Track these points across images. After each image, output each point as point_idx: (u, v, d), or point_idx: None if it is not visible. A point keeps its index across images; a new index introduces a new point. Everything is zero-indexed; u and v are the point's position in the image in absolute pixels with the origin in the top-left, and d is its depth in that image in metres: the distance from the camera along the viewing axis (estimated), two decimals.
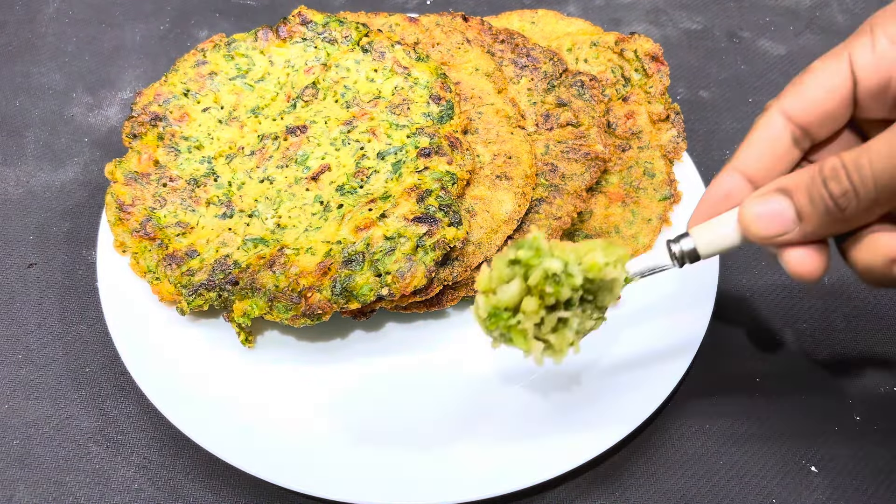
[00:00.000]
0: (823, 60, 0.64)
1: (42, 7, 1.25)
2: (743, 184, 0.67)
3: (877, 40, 0.62)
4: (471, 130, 0.92)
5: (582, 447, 0.74)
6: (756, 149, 0.67)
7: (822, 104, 0.64)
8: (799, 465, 0.78)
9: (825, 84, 0.64)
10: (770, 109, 0.66)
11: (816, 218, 0.61)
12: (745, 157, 0.67)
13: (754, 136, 0.67)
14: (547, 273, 0.61)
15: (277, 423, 0.76)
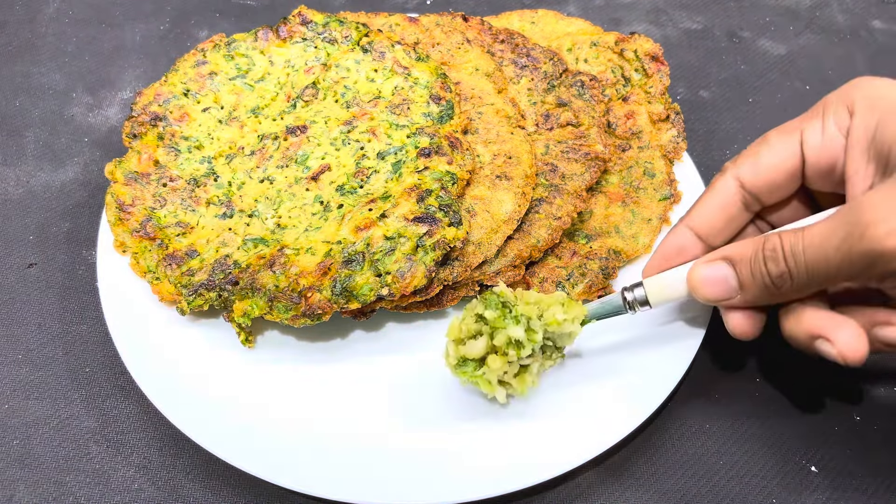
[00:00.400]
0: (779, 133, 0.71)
1: (42, 7, 1.25)
2: (695, 240, 0.74)
3: (826, 125, 0.67)
4: (471, 130, 0.92)
5: (581, 447, 0.74)
6: (709, 209, 0.73)
7: (773, 176, 0.70)
8: (799, 465, 0.78)
9: (776, 158, 0.70)
10: (725, 174, 0.73)
11: (755, 290, 0.67)
12: (699, 216, 0.74)
13: (708, 198, 0.74)
14: (510, 339, 0.69)
15: (277, 423, 0.76)
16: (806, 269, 0.62)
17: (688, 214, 0.75)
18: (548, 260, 0.86)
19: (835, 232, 0.60)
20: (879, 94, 0.65)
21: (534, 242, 0.84)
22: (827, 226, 0.61)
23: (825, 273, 0.61)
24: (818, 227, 0.61)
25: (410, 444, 0.75)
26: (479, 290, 0.83)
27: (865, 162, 0.64)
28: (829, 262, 0.60)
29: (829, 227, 0.60)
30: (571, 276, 0.85)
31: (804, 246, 0.62)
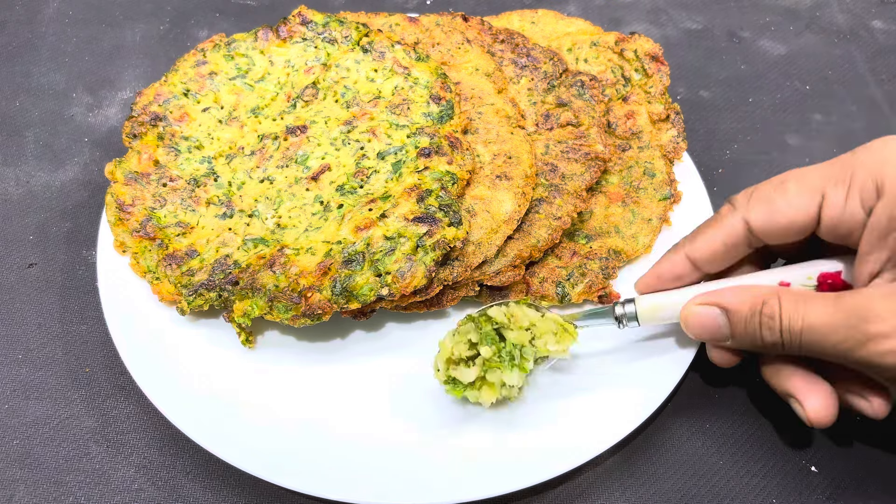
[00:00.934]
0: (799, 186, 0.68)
1: (42, 7, 1.25)
2: (692, 269, 0.74)
3: (851, 197, 0.65)
4: (471, 130, 0.91)
5: (581, 447, 0.73)
6: (712, 244, 0.72)
7: (785, 228, 0.69)
8: (799, 465, 0.78)
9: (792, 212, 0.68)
10: (735, 212, 0.71)
11: (745, 343, 0.69)
12: (701, 248, 0.73)
13: (713, 232, 0.73)
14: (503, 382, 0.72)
15: (277, 423, 0.76)
16: (800, 347, 0.64)
17: (690, 243, 0.74)
18: (548, 260, 0.86)
19: (836, 329, 0.61)
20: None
21: (534, 242, 0.84)
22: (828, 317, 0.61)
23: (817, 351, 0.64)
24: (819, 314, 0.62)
25: (410, 443, 0.75)
26: (479, 290, 0.83)
27: (880, 248, 0.63)
28: (823, 350, 0.63)
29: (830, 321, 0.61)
30: (571, 276, 0.85)
31: (802, 327, 0.63)
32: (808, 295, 0.64)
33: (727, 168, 1.06)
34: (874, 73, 1.18)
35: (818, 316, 0.62)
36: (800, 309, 0.63)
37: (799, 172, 0.69)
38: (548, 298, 0.84)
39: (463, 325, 0.75)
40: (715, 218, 0.73)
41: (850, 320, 0.60)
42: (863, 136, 1.10)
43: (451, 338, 0.75)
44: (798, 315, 0.63)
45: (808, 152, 1.08)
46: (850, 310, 0.60)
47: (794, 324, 0.63)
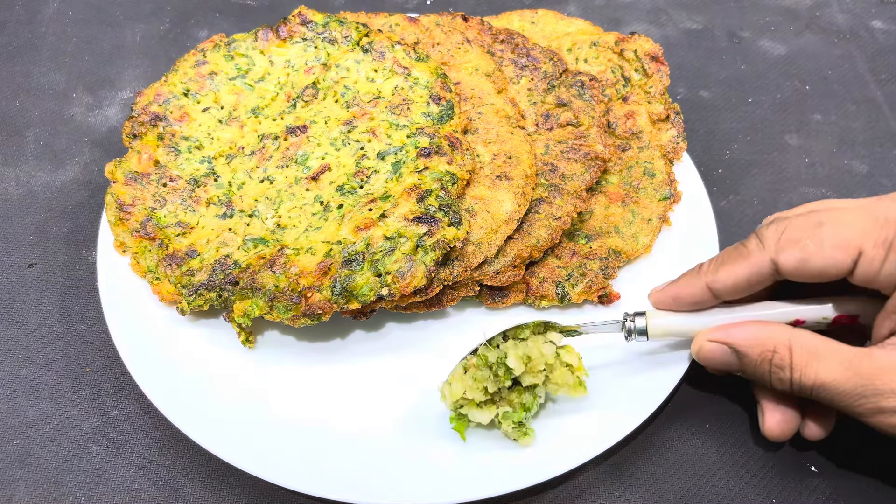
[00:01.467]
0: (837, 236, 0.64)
1: (42, 7, 1.25)
2: (711, 298, 0.72)
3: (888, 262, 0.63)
4: (471, 130, 0.92)
5: (581, 447, 0.74)
6: (735, 280, 0.70)
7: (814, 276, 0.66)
8: (799, 465, 0.78)
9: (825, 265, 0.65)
10: (764, 253, 0.67)
11: (753, 378, 0.70)
12: (724, 282, 0.70)
13: (738, 268, 0.69)
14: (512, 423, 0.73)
15: (277, 423, 0.76)
16: (810, 392, 0.65)
17: (713, 273, 0.71)
18: (548, 260, 0.86)
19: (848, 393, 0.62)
20: None
21: (534, 242, 0.84)
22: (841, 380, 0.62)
23: (824, 399, 0.65)
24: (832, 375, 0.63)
25: (410, 443, 0.75)
26: (479, 289, 0.83)
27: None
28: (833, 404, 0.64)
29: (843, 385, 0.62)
30: (571, 276, 0.85)
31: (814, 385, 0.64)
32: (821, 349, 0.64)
33: (727, 168, 1.06)
34: (874, 73, 1.18)
35: (831, 376, 0.63)
36: (812, 366, 0.64)
37: (836, 217, 0.65)
38: (548, 298, 0.84)
39: (478, 368, 0.73)
40: (741, 251, 0.70)
41: (864, 389, 0.61)
42: (863, 136, 1.10)
43: (463, 378, 0.73)
44: (811, 372, 0.64)
45: (808, 152, 1.08)
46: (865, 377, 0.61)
47: (805, 379, 0.64)
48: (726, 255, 0.71)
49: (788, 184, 1.04)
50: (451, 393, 0.73)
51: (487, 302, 0.85)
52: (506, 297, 0.84)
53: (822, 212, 0.66)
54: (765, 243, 0.68)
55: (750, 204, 1.02)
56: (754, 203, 1.02)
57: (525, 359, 0.72)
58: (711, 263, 0.72)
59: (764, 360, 0.67)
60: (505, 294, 0.84)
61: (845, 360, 0.63)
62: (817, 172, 1.06)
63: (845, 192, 1.03)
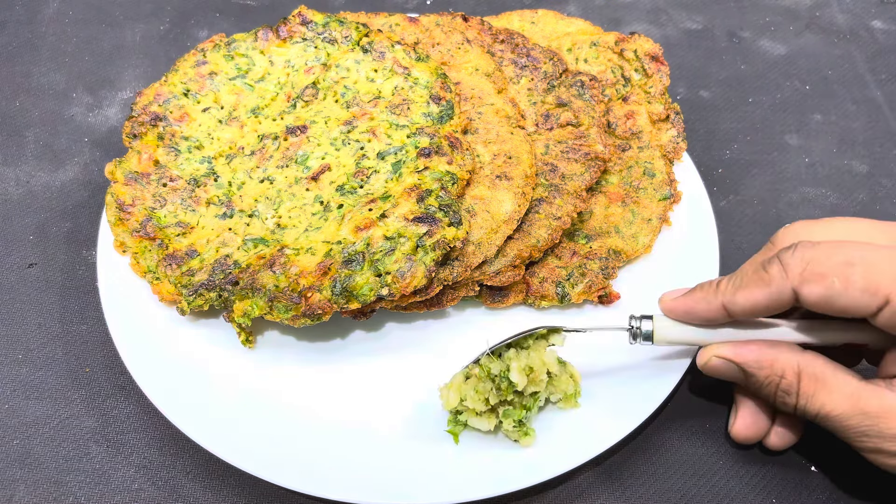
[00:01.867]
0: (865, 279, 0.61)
1: (42, 7, 1.25)
2: (725, 317, 0.69)
3: None
4: (471, 130, 0.91)
5: (582, 447, 0.74)
6: (754, 305, 0.66)
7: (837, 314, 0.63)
8: (799, 465, 0.78)
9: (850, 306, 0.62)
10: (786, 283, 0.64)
11: (755, 394, 0.71)
12: (741, 305, 0.67)
13: (758, 294, 0.66)
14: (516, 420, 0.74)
15: (277, 423, 0.76)
16: (816, 417, 0.66)
17: (731, 295, 0.67)
18: (548, 260, 0.86)
19: (853, 428, 0.63)
20: None
21: (534, 242, 0.84)
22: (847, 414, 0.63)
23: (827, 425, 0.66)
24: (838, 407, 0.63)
25: (410, 443, 0.75)
26: (479, 289, 0.83)
27: None
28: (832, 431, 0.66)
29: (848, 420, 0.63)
30: (571, 276, 0.85)
31: (818, 414, 0.65)
32: (829, 379, 0.65)
33: (727, 168, 1.06)
34: (874, 73, 1.18)
35: (837, 409, 0.63)
36: (819, 396, 0.64)
37: (867, 259, 0.61)
38: (548, 298, 0.84)
39: (481, 380, 0.73)
40: (762, 277, 0.65)
41: (868, 429, 0.62)
42: (863, 136, 1.10)
43: (462, 387, 0.74)
44: (816, 402, 0.64)
45: (808, 152, 1.08)
46: (871, 416, 0.62)
47: (810, 408, 0.65)
48: (746, 278, 0.67)
49: (788, 184, 1.04)
50: (448, 401, 0.74)
51: (487, 302, 0.85)
52: (506, 297, 0.84)
53: (851, 247, 0.63)
54: (788, 272, 0.64)
55: (750, 204, 1.02)
56: (754, 203, 1.02)
57: (528, 370, 0.72)
58: (730, 284, 0.68)
59: (771, 383, 0.67)
60: (505, 294, 0.84)
61: (853, 394, 0.63)
62: (817, 172, 1.06)
63: (845, 192, 1.04)
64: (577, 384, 0.76)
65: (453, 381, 0.74)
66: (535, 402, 0.74)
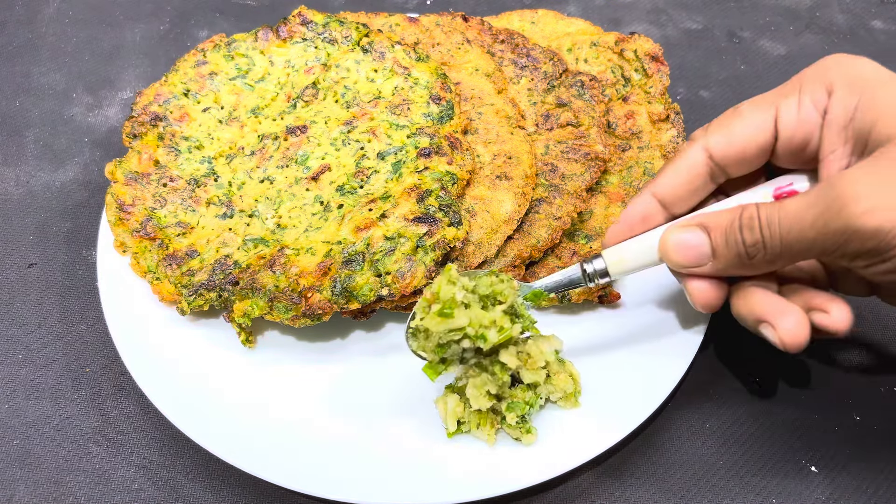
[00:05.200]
0: (753, 106, 0.69)
1: (42, 7, 1.25)
2: (658, 208, 0.73)
3: (803, 103, 0.66)
4: (471, 130, 0.92)
5: (582, 447, 0.74)
6: (676, 178, 0.72)
7: (744, 149, 0.69)
8: (799, 465, 0.78)
9: (749, 132, 0.68)
10: (694, 143, 0.71)
11: (728, 259, 0.66)
12: (665, 183, 0.72)
13: (676, 166, 0.72)
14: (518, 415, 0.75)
15: (277, 423, 0.76)
16: (780, 241, 0.62)
17: (654, 181, 0.73)
18: (548, 260, 0.86)
19: (812, 206, 0.59)
20: (858, 74, 0.64)
21: (534, 242, 0.84)
22: (805, 200, 0.60)
23: (799, 246, 0.61)
24: (796, 201, 0.61)
25: (411, 443, 0.75)
26: None
27: (842, 142, 0.64)
28: (803, 236, 0.60)
29: (806, 201, 0.60)
30: None
31: (780, 217, 0.62)
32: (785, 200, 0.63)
33: None
34: None
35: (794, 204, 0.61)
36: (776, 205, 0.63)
37: (751, 99, 0.70)
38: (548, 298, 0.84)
39: (476, 375, 0.73)
40: (676, 154, 0.73)
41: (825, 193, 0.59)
42: None
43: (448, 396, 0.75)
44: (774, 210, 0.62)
45: None
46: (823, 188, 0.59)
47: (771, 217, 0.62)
48: (665, 164, 0.74)
49: None
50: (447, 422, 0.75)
51: None
52: None
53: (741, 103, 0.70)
54: (695, 138, 0.71)
55: None
56: None
57: (525, 357, 0.73)
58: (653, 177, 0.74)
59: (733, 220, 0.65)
60: None
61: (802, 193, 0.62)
62: None
63: None
64: (576, 383, 0.76)
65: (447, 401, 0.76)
66: (536, 399, 0.74)
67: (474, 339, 0.69)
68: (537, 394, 0.74)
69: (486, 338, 0.69)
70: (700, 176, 0.71)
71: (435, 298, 0.68)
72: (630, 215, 0.73)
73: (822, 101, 0.65)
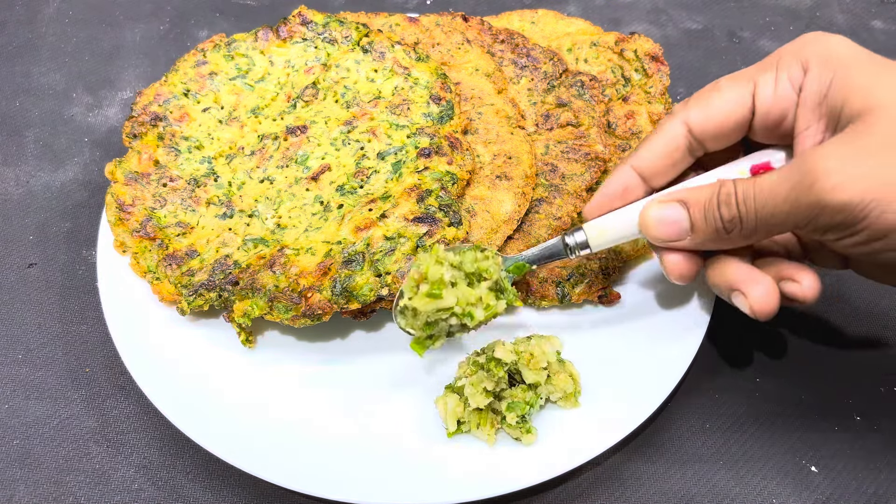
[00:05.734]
0: (732, 81, 0.70)
1: (42, 7, 1.25)
2: (638, 181, 0.74)
3: (779, 79, 0.67)
4: (471, 130, 0.91)
5: (582, 447, 0.74)
6: (655, 151, 0.73)
7: (721, 123, 0.70)
8: (799, 465, 0.78)
9: (727, 106, 0.69)
10: (674, 117, 0.72)
11: (706, 233, 0.68)
12: (644, 157, 0.73)
13: (655, 139, 0.73)
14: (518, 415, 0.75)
15: (277, 423, 0.76)
16: (756, 216, 0.64)
17: (633, 154, 0.74)
18: None
19: (785, 181, 0.61)
20: (833, 52, 0.65)
21: (534, 242, 0.84)
22: (778, 175, 0.62)
23: (773, 220, 0.63)
24: (771, 177, 0.63)
25: (410, 443, 0.75)
26: None
27: (816, 118, 0.66)
28: (777, 210, 0.62)
29: (780, 176, 0.62)
30: (571, 276, 0.85)
31: (755, 193, 0.64)
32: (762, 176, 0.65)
33: None
34: None
35: (768, 179, 0.63)
36: (750, 183, 0.65)
37: (730, 75, 0.71)
38: (548, 298, 0.84)
39: (473, 372, 0.74)
40: (656, 129, 0.74)
41: (797, 168, 0.61)
42: None
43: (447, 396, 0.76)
44: (750, 185, 0.64)
45: None
46: (796, 164, 0.61)
47: (747, 192, 0.64)
48: (644, 138, 0.74)
49: None
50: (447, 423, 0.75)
51: None
52: None
53: (719, 79, 0.71)
54: (675, 112, 0.72)
55: None
56: None
57: (528, 356, 0.74)
58: (632, 149, 0.75)
59: (712, 196, 0.67)
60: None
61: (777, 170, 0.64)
62: None
63: None
64: (576, 383, 0.76)
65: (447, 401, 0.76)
66: (536, 398, 0.74)
67: (461, 318, 0.70)
68: (538, 394, 0.74)
69: (472, 315, 0.70)
70: (679, 149, 0.72)
71: (423, 278, 0.69)
72: (610, 188, 0.74)
73: (797, 78, 0.67)
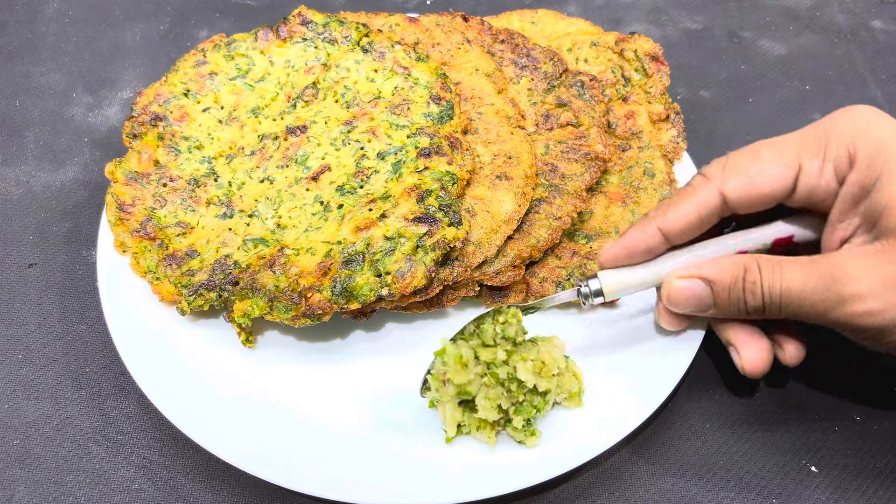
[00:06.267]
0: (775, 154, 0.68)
1: (42, 7, 1.25)
2: (662, 241, 0.74)
3: (825, 168, 0.67)
4: (471, 130, 0.91)
5: (582, 447, 0.73)
6: (686, 216, 0.72)
7: (759, 197, 0.70)
8: (799, 465, 0.78)
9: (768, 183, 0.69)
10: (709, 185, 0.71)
11: (727, 311, 0.70)
12: (674, 221, 0.73)
13: (687, 204, 0.72)
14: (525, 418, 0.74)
15: (277, 423, 0.76)
16: (780, 309, 0.67)
17: (662, 215, 0.73)
18: (548, 260, 0.86)
19: (815, 290, 0.63)
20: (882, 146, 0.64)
21: (534, 242, 0.84)
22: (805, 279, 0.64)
23: (798, 317, 0.66)
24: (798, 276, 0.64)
25: (411, 443, 0.75)
26: (479, 289, 0.83)
27: (852, 214, 0.66)
28: (802, 310, 0.65)
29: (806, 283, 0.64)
30: (571, 276, 0.85)
31: (782, 290, 0.65)
32: (784, 261, 0.66)
33: None
34: (874, 73, 1.18)
35: (796, 279, 0.64)
36: (777, 274, 0.65)
37: (772, 142, 0.70)
38: None
39: (491, 386, 0.72)
40: (687, 190, 0.73)
41: (826, 282, 0.62)
42: None
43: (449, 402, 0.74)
44: (776, 279, 0.65)
45: None
46: (825, 272, 0.63)
47: (773, 287, 0.65)
48: (674, 198, 0.73)
49: None
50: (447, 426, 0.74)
51: (487, 302, 0.85)
52: (506, 297, 0.84)
53: (760, 142, 0.70)
54: (710, 177, 0.71)
55: None
56: None
57: (539, 364, 0.73)
58: (660, 208, 0.74)
59: (737, 280, 0.68)
60: (505, 294, 0.84)
61: (806, 264, 0.65)
62: None
63: None
64: (580, 382, 0.76)
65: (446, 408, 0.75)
66: (545, 404, 0.74)
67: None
68: (546, 400, 0.74)
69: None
70: (711, 216, 0.72)
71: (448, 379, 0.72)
72: (633, 244, 0.74)
73: (843, 170, 0.66)
